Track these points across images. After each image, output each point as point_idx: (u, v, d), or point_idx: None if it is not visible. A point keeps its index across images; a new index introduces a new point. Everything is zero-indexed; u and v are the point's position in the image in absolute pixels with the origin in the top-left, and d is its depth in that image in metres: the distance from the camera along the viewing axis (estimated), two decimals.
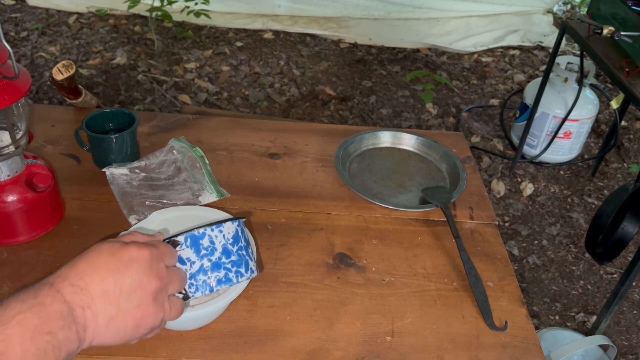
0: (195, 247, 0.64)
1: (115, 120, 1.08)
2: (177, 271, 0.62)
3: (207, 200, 1.00)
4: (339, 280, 0.89)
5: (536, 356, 0.80)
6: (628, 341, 1.88)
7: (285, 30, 3.53)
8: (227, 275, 0.66)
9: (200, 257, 0.64)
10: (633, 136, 2.84)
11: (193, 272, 0.64)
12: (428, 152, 1.19)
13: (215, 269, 0.65)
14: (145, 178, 1.01)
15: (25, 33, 3.27)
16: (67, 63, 1.11)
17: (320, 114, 2.85)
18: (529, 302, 1.97)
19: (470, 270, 0.90)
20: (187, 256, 0.64)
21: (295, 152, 1.16)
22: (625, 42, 1.75)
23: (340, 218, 1.01)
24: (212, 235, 0.65)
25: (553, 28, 3.78)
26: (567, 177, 2.57)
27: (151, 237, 0.63)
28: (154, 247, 0.59)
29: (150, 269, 0.57)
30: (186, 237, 0.64)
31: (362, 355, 0.78)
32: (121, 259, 0.56)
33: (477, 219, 1.04)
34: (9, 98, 0.75)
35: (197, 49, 3.27)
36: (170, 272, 0.60)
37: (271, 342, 0.78)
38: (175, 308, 0.61)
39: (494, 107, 3.01)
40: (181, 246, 0.63)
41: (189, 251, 0.64)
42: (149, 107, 2.77)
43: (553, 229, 2.29)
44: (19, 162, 0.87)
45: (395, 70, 3.25)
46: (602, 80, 3.29)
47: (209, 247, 0.64)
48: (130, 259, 0.56)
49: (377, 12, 3.74)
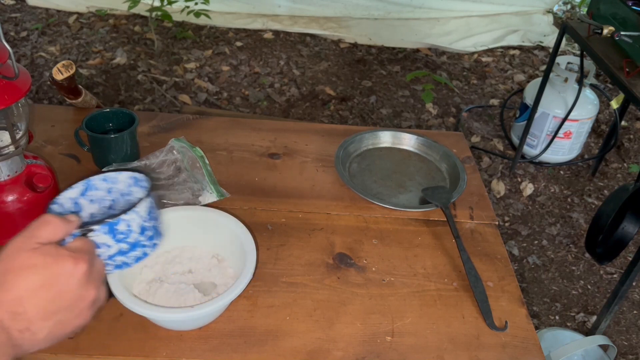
0: (112, 234, 0.63)
1: (115, 120, 1.08)
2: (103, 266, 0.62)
3: (207, 200, 1.00)
4: (339, 280, 0.89)
5: (536, 356, 0.80)
6: (628, 341, 1.88)
7: (285, 30, 3.53)
8: (144, 252, 0.66)
9: (117, 240, 0.64)
10: (633, 136, 2.84)
11: (111, 254, 0.64)
12: (428, 152, 1.19)
13: (133, 249, 0.65)
14: None
15: (25, 33, 3.27)
16: (67, 63, 1.11)
17: (320, 114, 2.85)
18: (529, 302, 1.97)
19: (470, 270, 0.90)
20: (103, 241, 0.63)
21: (295, 152, 1.16)
22: (625, 42, 1.75)
23: (340, 218, 1.01)
24: (128, 219, 0.64)
25: (553, 28, 3.78)
26: (567, 177, 2.57)
27: (66, 224, 0.59)
28: (88, 254, 0.58)
29: (88, 281, 0.56)
30: (102, 227, 0.62)
31: (362, 355, 0.78)
32: (59, 276, 0.54)
33: (477, 219, 1.04)
34: (9, 98, 0.75)
35: (197, 49, 3.27)
36: (101, 270, 0.61)
37: (271, 342, 0.78)
38: (103, 296, 0.60)
39: (494, 107, 3.01)
40: (96, 232, 0.62)
41: (105, 237, 0.63)
42: (149, 107, 2.77)
43: (553, 229, 2.29)
44: (19, 162, 0.87)
45: (395, 70, 3.25)
46: (602, 80, 3.29)
47: (126, 231, 0.64)
48: (69, 275, 0.54)
49: (377, 12, 3.74)
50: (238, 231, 0.82)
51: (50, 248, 0.55)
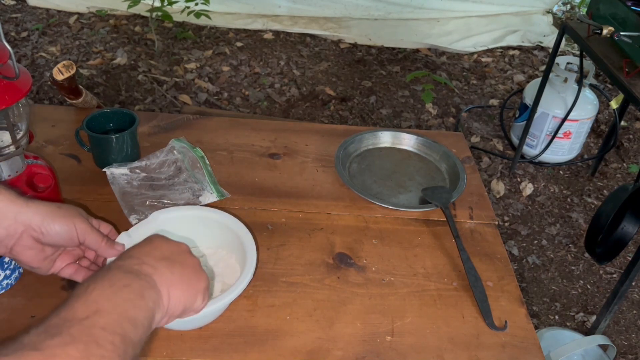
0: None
1: (115, 121, 1.08)
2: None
3: (208, 200, 1.00)
4: (339, 280, 0.89)
5: (536, 356, 0.81)
6: (627, 341, 1.89)
7: (285, 30, 3.54)
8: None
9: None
10: (633, 136, 2.85)
11: None
12: (428, 152, 1.20)
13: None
14: (146, 178, 1.01)
15: (26, 33, 3.27)
16: (67, 63, 1.11)
17: (320, 114, 2.85)
18: (529, 302, 1.97)
19: (470, 270, 0.90)
20: None
21: (295, 152, 1.16)
22: (624, 42, 1.75)
23: (340, 218, 1.01)
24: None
25: (553, 28, 3.78)
26: (567, 177, 2.58)
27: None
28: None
29: (201, 269, 0.68)
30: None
31: (362, 355, 0.78)
32: (180, 249, 0.67)
33: (477, 218, 1.04)
34: (9, 98, 0.76)
35: (198, 49, 3.27)
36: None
37: (271, 342, 0.79)
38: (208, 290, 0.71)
39: (494, 107, 3.01)
40: None
41: None
42: (149, 107, 2.77)
43: (553, 228, 2.29)
44: (20, 162, 0.87)
45: (395, 70, 3.26)
46: (602, 81, 3.29)
47: None
48: (191, 261, 0.68)
49: (377, 13, 3.74)
50: (238, 231, 0.82)
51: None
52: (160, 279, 0.61)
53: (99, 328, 0.49)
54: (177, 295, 0.62)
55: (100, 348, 0.47)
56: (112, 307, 0.52)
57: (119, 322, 0.51)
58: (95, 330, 0.49)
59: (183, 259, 0.66)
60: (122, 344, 0.50)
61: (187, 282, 0.65)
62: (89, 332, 0.48)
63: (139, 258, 0.62)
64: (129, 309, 0.54)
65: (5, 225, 0.66)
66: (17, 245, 0.68)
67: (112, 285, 0.55)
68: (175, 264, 0.64)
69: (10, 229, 0.67)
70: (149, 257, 0.62)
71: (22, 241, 0.68)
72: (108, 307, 0.52)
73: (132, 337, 0.52)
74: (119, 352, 0.49)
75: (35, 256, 0.70)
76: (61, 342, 0.46)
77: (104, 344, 0.48)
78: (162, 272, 0.61)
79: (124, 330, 0.51)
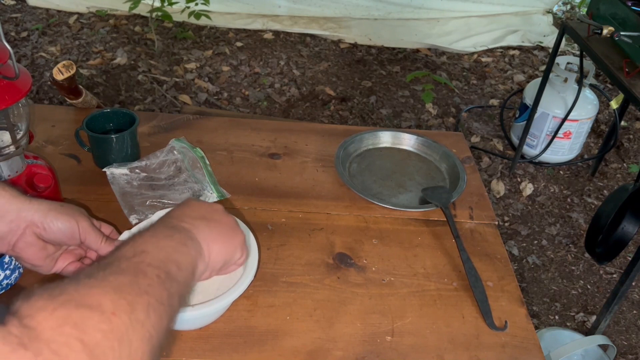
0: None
1: (115, 121, 1.08)
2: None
3: (208, 201, 1.00)
4: (339, 280, 0.89)
5: (536, 356, 0.81)
6: (627, 341, 1.89)
7: (285, 30, 3.54)
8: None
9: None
10: (633, 136, 2.85)
11: None
12: (428, 152, 1.20)
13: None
14: (146, 178, 1.01)
15: (26, 33, 3.27)
16: (67, 63, 1.11)
17: (320, 114, 2.85)
18: (529, 302, 1.97)
19: (470, 270, 0.90)
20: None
21: (295, 152, 1.16)
22: (625, 42, 1.75)
23: (340, 218, 1.01)
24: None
25: (553, 28, 3.78)
26: (567, 177, 2.58)
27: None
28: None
29: (237, 225, 0.74)
30: None
31: (362, 355, 0.78)
32: (214, 208, 0.72)
33: (477, 218, 1.04)
34: (9, 98, 0.76)
35: (198, 49, 3.27)
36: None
37: (271, 342, 0.79)
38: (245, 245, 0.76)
39: (494, 107, 3.01)
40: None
41: None
42: (149, 107, 2.78)
43: (553, 228, 2.29)
44: (20, 162, 0.87)
45: (395, 70, 3.26)
46: (602, 81, 3.29)
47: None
48: (228, 219, 0.73)
49: (377, 13, 3.74)
50: None
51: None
52: (199, 234, 0.65)
53: (145, 264, 0.53)
54: (216, 249, 0.66)
55: (147, 278, 0.52)
56: (157, 250, 0.57)
57: (164, 262, 0.56)
58: (143, 266, 0.53)
59: (219, 217, 0.71)
60: (167, 279, 0.54)
61: (224, 237, 0.69)
62: (136, 267, 0.53)
63: (177, 217, 0.66)
64: (172, 253, 0.58)
65: (8, 220, 0.67)
66: (20, 241, 0.68)
67: (155, 235, 0.60)
68: (212, 221, 0.68)
69: (13, 224, 0.67)
70: (187, 217, 0.66)
71: (25, 237, 0.68)
72: (153, 250, 0.56)
73: (177, 277, 0.56)
74: (165, 285, 0.53)
75: (37, 253, 0.70)
76: (112, 272, 0.51)
77: (151, 276, 0.52)
78: (201, 228, 0.66)
79: (168, 269, 0.55)
